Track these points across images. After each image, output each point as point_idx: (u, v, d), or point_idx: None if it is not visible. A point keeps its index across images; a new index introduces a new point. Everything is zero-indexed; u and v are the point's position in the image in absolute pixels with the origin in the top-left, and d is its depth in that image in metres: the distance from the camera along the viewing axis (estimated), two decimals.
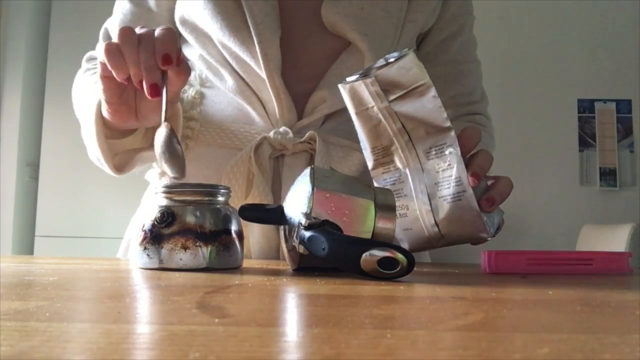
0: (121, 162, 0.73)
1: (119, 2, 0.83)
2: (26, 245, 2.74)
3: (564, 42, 2.93)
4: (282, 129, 0.73)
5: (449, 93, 0.86)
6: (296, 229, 0.47)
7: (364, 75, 0.60)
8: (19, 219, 2.71)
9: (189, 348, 0.19)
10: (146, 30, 0.58)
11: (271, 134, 0.73)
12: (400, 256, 0.42)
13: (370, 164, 0.63)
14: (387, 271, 0.42)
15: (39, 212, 2.70)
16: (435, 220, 0.59)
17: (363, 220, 0.49)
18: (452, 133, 0.58)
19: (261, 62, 0.72)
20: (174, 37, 0.58)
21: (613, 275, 0.53)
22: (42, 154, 2.73)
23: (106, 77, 0.60)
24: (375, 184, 0.62)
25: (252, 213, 0.54)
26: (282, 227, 0.52)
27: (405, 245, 0.62)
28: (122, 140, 0.70)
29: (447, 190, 0.58)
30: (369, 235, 0.49)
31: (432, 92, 0.58)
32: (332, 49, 0.76)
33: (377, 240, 0.49)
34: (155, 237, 0.50)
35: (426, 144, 0.59)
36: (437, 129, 0.58)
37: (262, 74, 0.73)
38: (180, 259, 0.49)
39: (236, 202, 0.67)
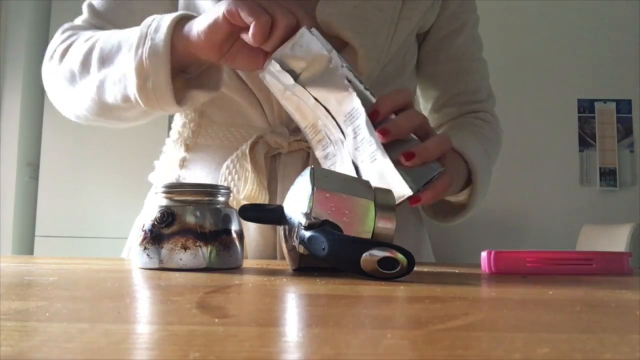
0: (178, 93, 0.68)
1: None
2: (26, 245, 2.75)
3: (564, 42, 2.93)
4: (278, 127, 0.74)
5: (452, 91, 0.85)
6: (296, 229, 0.47)
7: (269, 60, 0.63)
8: (19, 219, 2.71)
9: (189, 348, 0.19)
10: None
11: (267, 132, 0.73)
12: (400, 256, 0.42)
13: (313, 148, 0.64)
14: (387, 271, 0.42)
15: (39, 212, 2.70)
16: None
17: (363, 220, 0.49)
18: (354, 95, 0.59)
19: None
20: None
21: (613, 275, 0.53)
22: (42, 154, 2.73)
23: (230, 24, 0.60)
24: (321, 163, 0.63)
25: (252, 213, 0.54)
26: (281, 227, 0.52)
27: None
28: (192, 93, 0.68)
29: (364, 153, 0.59)
30: (369, 235, 0.49)
31: (329, 60, 0.60)
32: None
33: (377, 240, 0.49)
34: (155, 237, 0.50)
35: (341, 113, 0.60)
36: (344, 96, 0.60)
37: (261, 72, 0.73)
38: (180, 259, 0.49)
39: (231, 201, 0.67)
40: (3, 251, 2.60)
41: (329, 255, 0.44)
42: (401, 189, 0.57)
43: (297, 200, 0.50)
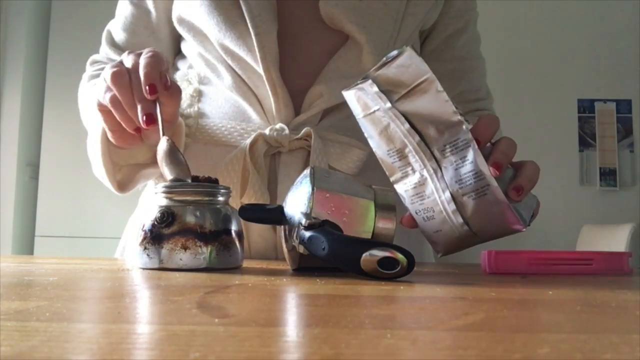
0: (124, 179, 0.72)
1: (121, 4, 0.83)
2: (26, 245, 2.75)
3: (564, 42, 2.93)
4: (278, 125, 0.72)
5: (456, 90, 0.85)
6: (296, 229, 0.47)
7: (364, 78, 0.58)
8: (19, 219, 2.71)
9: (189, 348, 0.19)
10: (133, 62, 0.58)
11: (267, 130, 0.72)
12: (400, 256, 0.42)
13: (388, 171, 0.60)
14: (387, 271, 0.42)
15: (39, 212, 2.70)
16: (464, 219, 0.56)
17: (363, 220, 0.49)
18: (464, 126, 0.55)
19: (258, 55, 0.72)
20: (157, 64, 0.58)
21: (613, 275, 0.53)
22: (42, 154, 2.73)
23: (104, 112, 0.60)
24: (398, 190, 0.60)
25: (252, 213, 0.54)
26: (281, 227, 0.52)
27: (440, 248, 0.59)
28: (131, 151, 0.69)
29: (469, 186, 0.55)
30: (369, 235, 0.49)
31: (436, 86, 0.55)
32: (331, 44, 0.76)
33: (377, 240, 0.49)
34: (155, 237, 0.50)
35: (440, 142, 0.56)
36: (447, 125, 0.56)
37: (259, 68, 0.72)
38: (180, 259, 0.49)
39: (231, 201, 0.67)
40: (3, 251, 2.60)
41: (329, 255, 0.44)
42: (516, 226, 0.56)
43: (297, 200, 0.50)
